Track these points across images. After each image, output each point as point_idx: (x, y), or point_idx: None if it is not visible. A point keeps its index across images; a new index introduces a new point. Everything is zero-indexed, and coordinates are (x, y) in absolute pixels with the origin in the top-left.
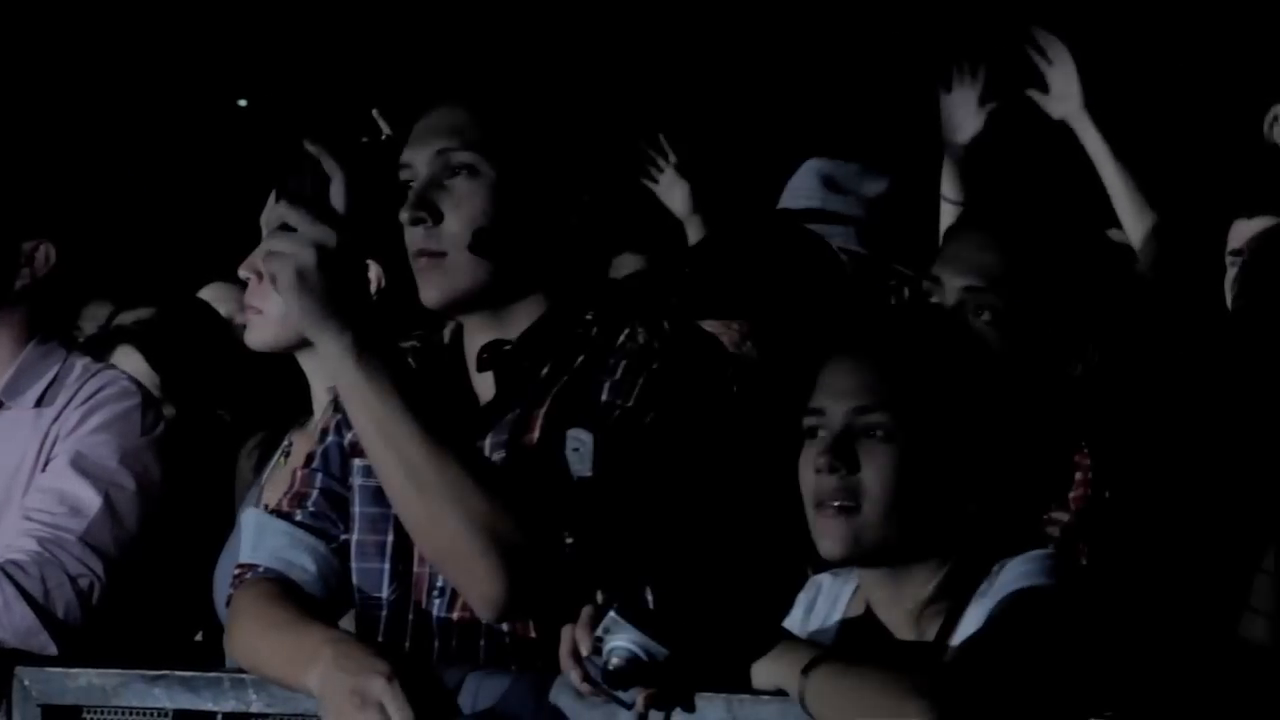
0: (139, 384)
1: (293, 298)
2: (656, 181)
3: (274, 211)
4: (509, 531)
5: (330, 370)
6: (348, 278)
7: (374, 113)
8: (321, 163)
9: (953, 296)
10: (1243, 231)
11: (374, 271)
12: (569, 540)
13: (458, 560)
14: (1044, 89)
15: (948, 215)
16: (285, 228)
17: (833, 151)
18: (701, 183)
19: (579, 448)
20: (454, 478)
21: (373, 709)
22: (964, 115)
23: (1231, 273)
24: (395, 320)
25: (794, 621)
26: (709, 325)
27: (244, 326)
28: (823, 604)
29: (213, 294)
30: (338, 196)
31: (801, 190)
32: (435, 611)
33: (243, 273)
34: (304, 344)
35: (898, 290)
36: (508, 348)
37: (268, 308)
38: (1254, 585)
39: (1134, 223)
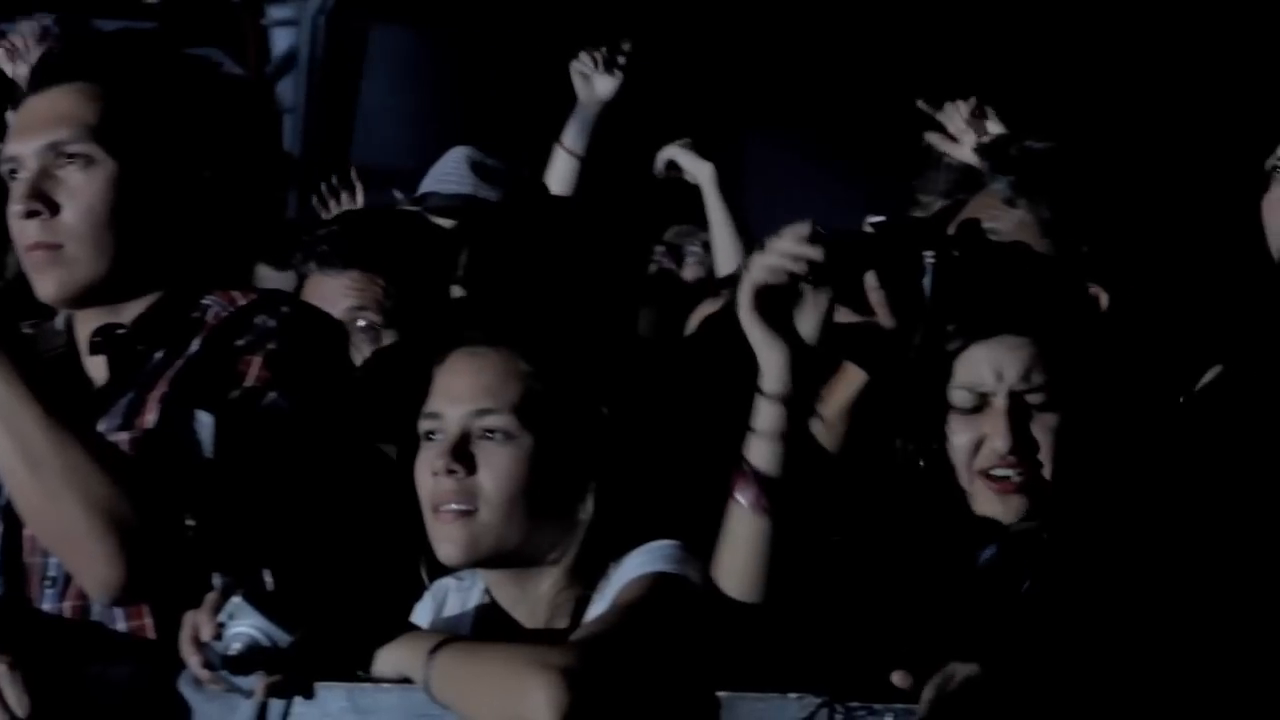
0: None
1: None
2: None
3: None
4: (128, 514)
5: None
6: None
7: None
8: None
9: None
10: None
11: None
12: (190, 524)
13: (74, 543)
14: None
15: (561, 161)
16: None
17: None
18: None
19: (200, 430)
20: (74, 460)
21: None
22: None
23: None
24: (18, 303)
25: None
26: (353, 278)
27: None
28: (452, 608)
29: None
30: None
31: (451, 175)
32: (46, 604)
33: None
34: None
35: None
36: (121, 331)
37: None
38: (755, 406)
39: (728, 252)
